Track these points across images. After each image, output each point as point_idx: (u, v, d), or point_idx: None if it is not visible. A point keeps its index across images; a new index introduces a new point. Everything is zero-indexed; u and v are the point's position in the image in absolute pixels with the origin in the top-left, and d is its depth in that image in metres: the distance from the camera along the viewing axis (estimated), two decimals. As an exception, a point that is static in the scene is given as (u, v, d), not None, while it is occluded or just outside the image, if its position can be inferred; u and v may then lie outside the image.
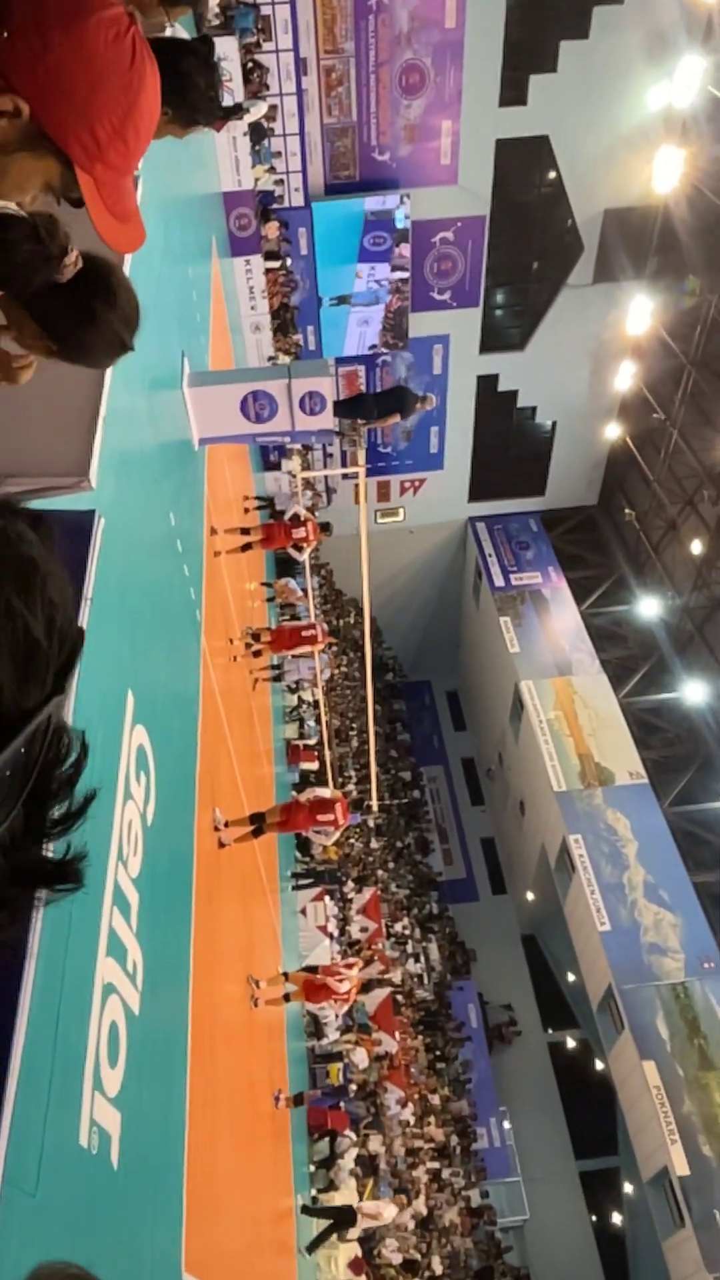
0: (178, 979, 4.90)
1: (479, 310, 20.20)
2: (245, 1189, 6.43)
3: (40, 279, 1.44)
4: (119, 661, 4.31)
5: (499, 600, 22.79)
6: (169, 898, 4.86)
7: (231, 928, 7.49)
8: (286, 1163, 9.60)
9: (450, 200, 18.50)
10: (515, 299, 20.68)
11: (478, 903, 25.74)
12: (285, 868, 14.87)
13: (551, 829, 19.76)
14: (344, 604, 24.96)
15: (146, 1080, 3.84)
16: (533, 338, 20.93)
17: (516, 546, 23.73)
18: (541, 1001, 23.47)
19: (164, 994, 4.43)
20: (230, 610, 10.28)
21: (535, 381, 21.52)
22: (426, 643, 29.01)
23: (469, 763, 29.35)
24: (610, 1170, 20.27)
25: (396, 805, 24.94)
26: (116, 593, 4.42)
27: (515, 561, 23.46)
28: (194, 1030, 4.97)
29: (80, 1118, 2.92)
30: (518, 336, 21.12)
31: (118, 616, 4.38)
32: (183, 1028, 4.83)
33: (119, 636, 4.36)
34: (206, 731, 6.93)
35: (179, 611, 6.42)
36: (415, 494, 23.30)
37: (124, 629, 4.49)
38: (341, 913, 17.76)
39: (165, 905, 4.73)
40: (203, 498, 8.68)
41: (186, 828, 5.75)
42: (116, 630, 4.32)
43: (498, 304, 20.70)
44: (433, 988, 20.93)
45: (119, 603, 4.45)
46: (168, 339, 7.19)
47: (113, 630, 4.23)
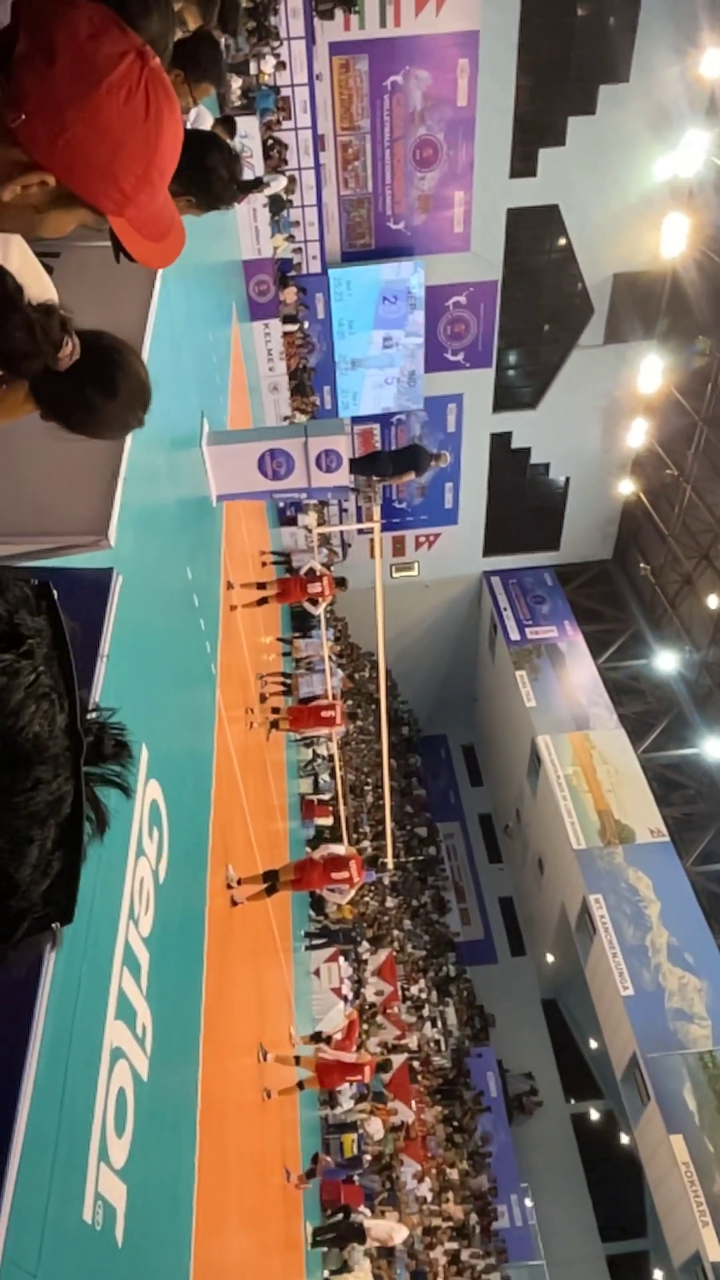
0: (188, 1043, 4.77)
1: (492, 370, 20.67)
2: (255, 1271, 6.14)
3: (34, 367, 1.43)
4: (134, 715, 4.29)
5: (515, 654, 22.74)
6: (180, 958, 4.77)
7: (243, 989, 7.31)
8: (298, 1241, 9.17)
9: (463, 266, 19.12)
10: (527, 359, 21.16)
11: (496, 964, 25.03)
12: (299, 927, 14.57)
13: (571, 888, 19.30)
14: (360, 658, 24.98)
15: (154, 1151, 3.71)
16: (545, 396, 21.34)
17: (531, 600, 23.78)
18: (563, 1070, 22.60)
19: (173, 1059, 4.31)
20: (245, 663, 10.31)
21: (548, 439, 21.86)
22: (442, 696, 28.89)
23: (486, 819, 28.89)
24: (639, 1254, 19.19)
25: (412, 862, 24.51)
26: (132, 646, 4.45)
27: (530, 615, 23.48)
28: (204, 1098, 4.82)
29: (85, 1190, 2.82)
30: (530, 395, 21.55)
31: (134, 670, 4.41)
32: (192, 1095, 4.68)
33: (134, 690, 4.38)
34: (220, 786, 6.88)
35: (195, 665, 6.45)
36: (430, 548, 23.52)
37: (140, 682, 4.51)
38: (356, 974, 17.31)
39: (176, 966, 4.64)
40: (220, 553, 8.79)
41: (199, 885, 5.67)
42: (132, 683, 4.34)
43: (510, 364, 21.18)
44: (450, 1054, 20.23)
45: (135, 656, 4.49)
46: (187, 399, 7.39)
47: (128, 683, 4.25)
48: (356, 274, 18.66)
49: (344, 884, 7.79)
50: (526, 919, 25.42)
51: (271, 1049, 8.12)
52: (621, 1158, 20.23)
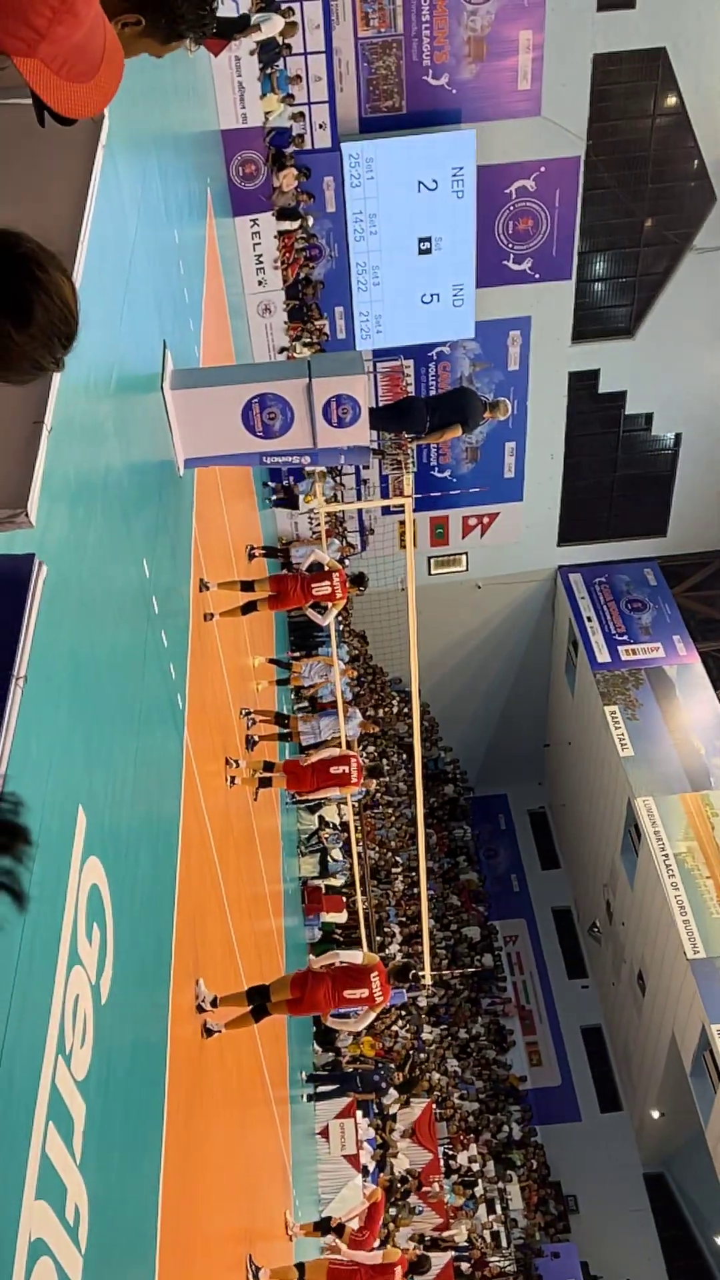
0: (140, 1236, 4.70)
1: (571, 284, 20.73)
2: None
3: None
4: (66, 766, 4.29)
5: (603, 682, 22.63)
6: (129, 1112, 4.71)
7: (220, 1157, 7.23)
8: None
9: (531, 137, 19.25)
10: (621, 268, 21.20)
11: (580, 1124, 24.78)
12: (299, 1069, 14.45)
13: (685, 1014, 19.08)
14: (384, 687, 24.98)
15: None
16: (645, 321, 21.34)
17: (627, 607, 23.68)
18: (676, 1274, 22.24)
19: (118, 1261, 4.25)
20: (225, 693, 10.31)
21: (650, 380, 21.86)
22: (500, 742, 28.78)
23: (564, 915, 28.68)
24: None
25: (460, 977, 24.34)
26: (66, 670, 4.43)
27: (626, 628, 23.38)
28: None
29: None
30: (625, 319, 21.57)
31: (66, 703, 4.39)
32: (145, 1310, 4.61)
33: (67, 733, 4.36)
34: (189, 867, 6.84)
35: (154, 696, 6.44)
36: (484, 534, 23.53)
37: (74, 721, 4.49)
38: (381, 1136, 17.16)
39: (124, 1124, 4.58)
40: (190, 540, 8.81)
41: (158, 1007, 5.62)
42: (64, 722, 4.32)
43: (596, 275, 21.24)
44: (515, 1253, 19.97)
45: (69, 684, 4.46)
46: (144, 324, 7.44)
47: (58, 722, 4.23)
48: (381, 149, 18.82)
49: (362, 1005, 7.75)
50: (621, 1058, 25.13)
51: (263, 1260, 8.02)
52: None
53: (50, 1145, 3.49)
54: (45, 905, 3.81)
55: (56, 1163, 3.52)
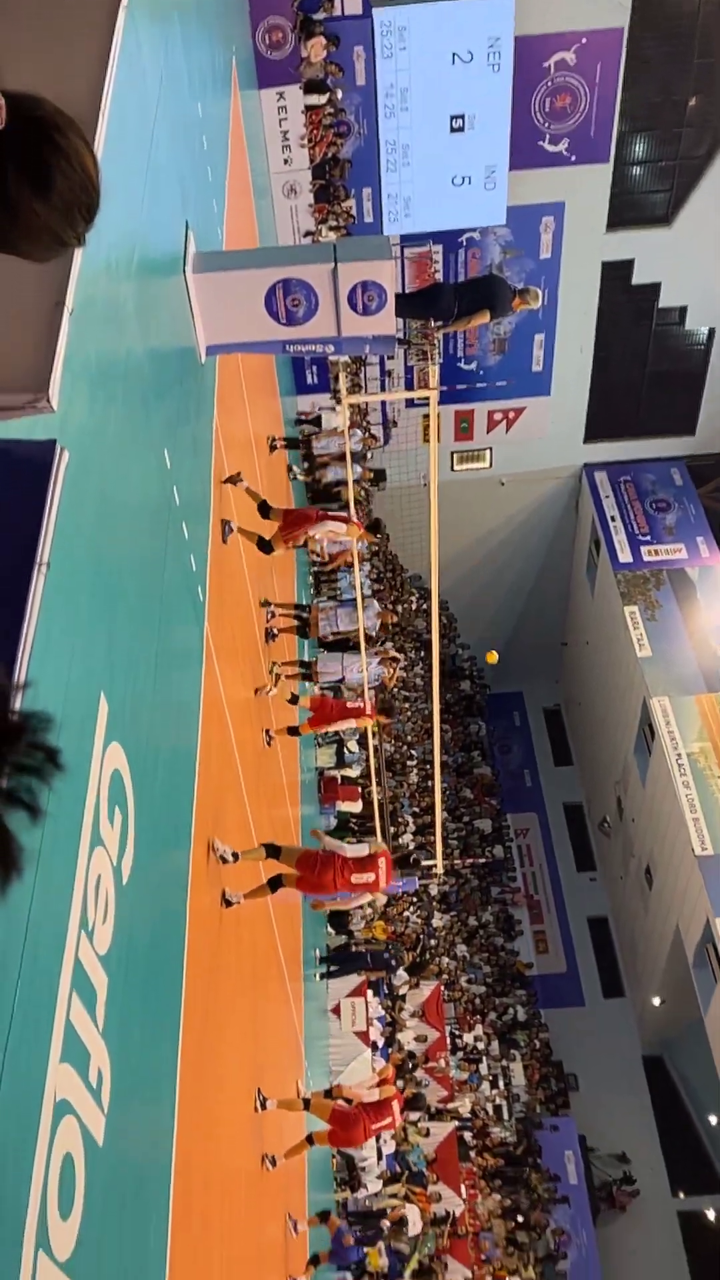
0: (159, 1098, 4.93)
1: (609, 167, 19.94)
2: None
3: None
4: (88, 655, 4.33)
5: (624, 582, 22.52)
6: (150, 984, 4.89)
7: (236, 1027, 7.53)
8: None
9: (573, 6, 18.29)
10: (661, 151, 20.33)
11: (583, 1008, 25.59)
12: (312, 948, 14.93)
13: (690, 907, 19.50)
14: (404, 583, 24.95)
15: (111, 1239, 3.86)
16: (684, 209, 20.56)
17: (652, 506, 23.40)
18: (670, 1152, 23.23)
19: (139, 1118, 4.46)
20: (246, 587, 10.33)
21: (686, 272, 21.17)
22: (519, 641, 28.82)
23: (575, 810, 29.14)
24: None
25: (471, 867, 24.90)
26: (88, 560, 4.44)
27: (649, 528, 23.14)
28: (179, 1171, 5.00)
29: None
30: (663, 206, 20.77)
31: (88, 593, 4.41)
32: (164, 1168, 4.86)
33: (89, 621, 4.39)
34: (208, 755, 6.96)
35: (174, 588, 6.46)
36: (509, 429, 23.14)
37: (97, 611, 4.52)
38: (390, 1015, 17.81)
39: (144, 994, 4.76)
40: (211, 431, 8.72)
41: (177, 888, 5.78)
42: (86, 612, 4.34)
43: (635, 158, 20.39)
44: (515, 1125, 20.87)
45: (91, 574, 4.48)
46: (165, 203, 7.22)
47: (81, 612, 4.25)
48: (414, 16, 17.89)
49: (366, 890, 7.94)
50: (626, 948, 25.82)
51: (274, 1149, 8.40)
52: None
53: (74, 1014, 3.63)
54: (68, 789, 3.89)
55: (80, 1030, 3.68)
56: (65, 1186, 3.37)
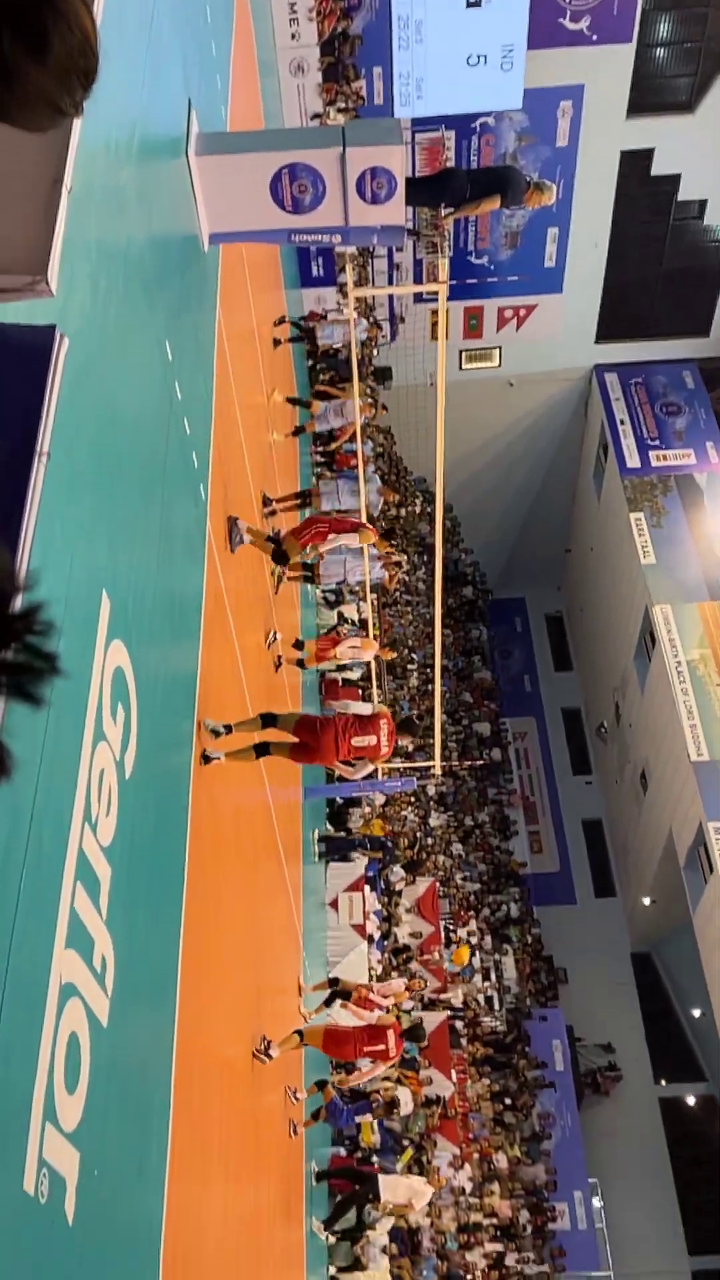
0: (161, 983, 5.08)
1: (631, 48, 19.07)
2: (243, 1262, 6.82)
3: None
4: (90, 550, 4.31)
5: (631, 488, 22.31)
6: (152, 876, 5.00)
7: (236, 918, 7.72)
8: (299, 1232, 10.16)
9: None
10: (686, 31, 19.41)
11: (574, 906, 26.23)
12: (311, 844, 15.22)
13: (684, 812, 19.82)
14: (408, 486, 24.72)
15: (115, 1113, 4.02)
16: (708, 94, 19.74)
17: (662, 410, 23.02)
18: (654, 1043, 24.08)
19: (142, 1002, 4.60)
20: (249, 485, 10.23)
21: (708, 163, 20.43)
22: (523, 546, 28.73)
23: (573, 716, 29.43)
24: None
25: (468, 769, 25.25)
26: (88, 452, 4.38)
27: (658, 433, 22.81)
28: (180, 1051, 5.18)
29: (26, 1155, 3.08)
30: (686, 91, 19.94)
31: (90, 488, 4.36)
32: (166, 1047, 5.03)
33: (91, 517, 4.35)
34: (210, 653, 6.99)
35: (176, 484, 6.40)
36: (519, 328, 22.63)
37: (98, 506, 4.48)
38: (386, 909, 18.26)
39: (147, 886, 4.86)
40: (214, 323, 8.52)
41: (180, 783, 5.86)
42: (88, 508, 4.31)
43: (658, 39, 19.49)
44: (506, 1015, 21.57)
45: (91, 466, 4.42)
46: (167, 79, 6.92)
47: (82, 505, 4.21)
48: None
49: (367, 754, 7.55)
50: (619, 850, 26.34)
51: (273, 1035, 8.64)
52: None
53: (78, 902, 3.72)
54: (70, 686, 3.91)
55: (84, 918, 3.77)
56: (71, 1064, 3.49)
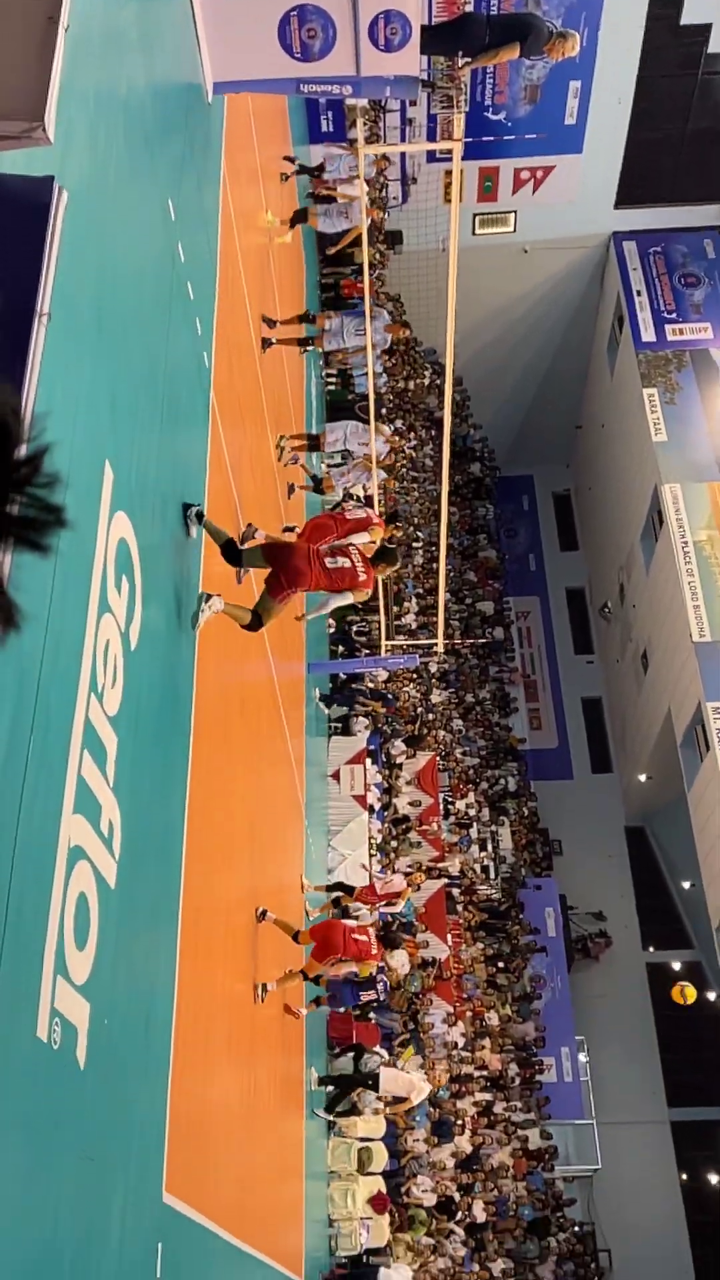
0: (167, 848, 5.22)
1: None
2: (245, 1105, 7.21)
3: None
4: (93, 419, 4.24)
5: (645, 363, 21.77)
6: (158, 745, 5.09)
7: (240, 788, 7.89)
8: (298, 1080, 10.70)
9: None
10: None
11: (571, 781, 26.75)
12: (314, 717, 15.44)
13: (683, 691, 20.02)
14: (417, 357, 24.15)
15: (124, 969, 4.19)
16: (744, -65, 18.50)
17: (680, 282, 22.29)
18: (644, 912, 24.89)
19: (149, 866, 4.74)
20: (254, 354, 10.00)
21: (742, 11, 19.28)
22: (532, 422, 28.22)
23: (577, 595, 29.43)
24: (713, 1124, 22.26)
25: (470, 647, 25.41)
26: (90, 315, 4.27)
27: (675, 305, 22.14)
28: (186, 912, 5.36)
29: (39, 1006, 3.23)
30: (720, -68, 18.69)
31: (91, 351, 4.26)
32: (172, 909, 5.21)
33: (92, 384, 4.26)
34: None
35: (180, 351, 6.25)
36: (536, 190, 21.72)
37: (100, 371, 4.38)
38: (387, 781, 18.64)
39: (153, 755, 4.95)
40: (218, 181, 8.19)
41: (183, 657, 5.91)
42: (89, 372, 4.22)
43: None
44: (501, 884, 22.24)
45: (94, 331, 4.32)
46: None
47: (83, 371, 4.13)
48: None
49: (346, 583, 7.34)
50: (618, 728, 26.72)
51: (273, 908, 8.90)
52: (704, 1017, 22.86)
53: (85, 769, 3.80)
54: (74, 556, 3.90)
55: (91, 784, 3.85)
56: (80, 922, 3.62)
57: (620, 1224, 20.93)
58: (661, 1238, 21.06)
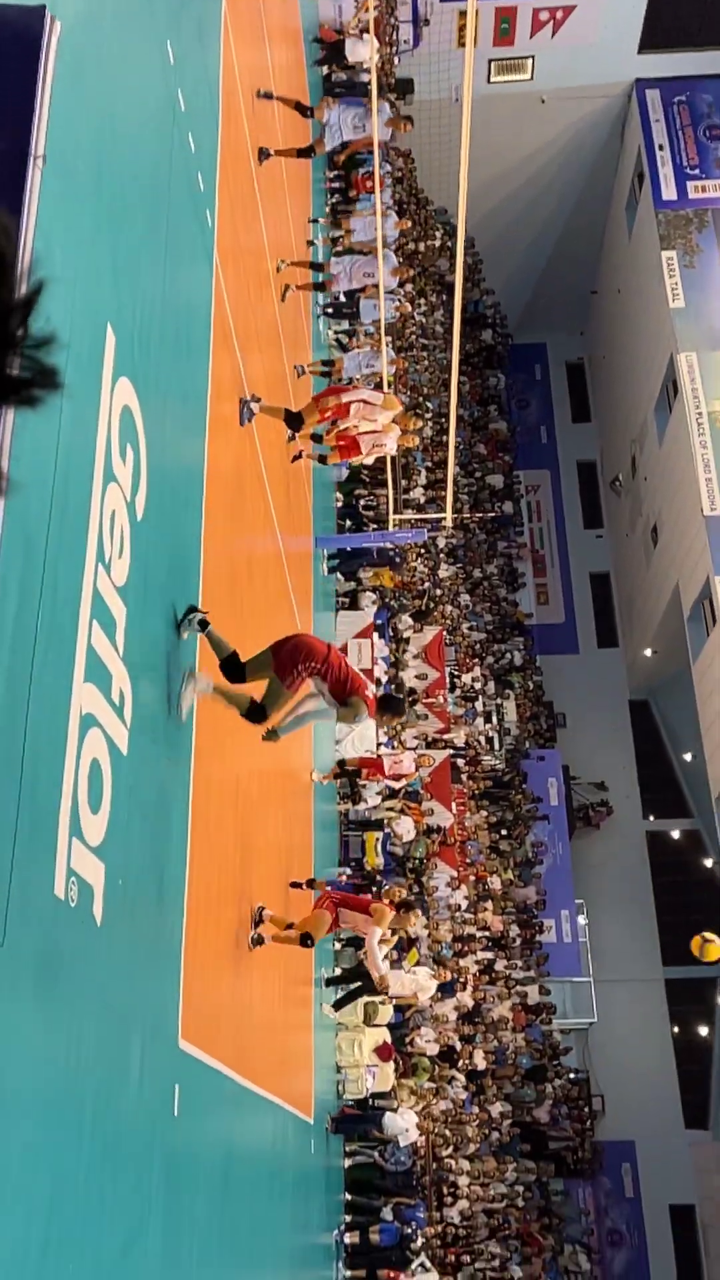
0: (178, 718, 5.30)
1: None
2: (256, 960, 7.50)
3: None
4: (93, 282, 4.12)
5: (665, 223, 20.96)
6: (167, 616, 5.11)
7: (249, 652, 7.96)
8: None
9: None
10: None
11: (576, 655, 26.96)
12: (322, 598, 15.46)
13: (692, 565, 19.97)
14: (428, 217, 23.28)
15: (137, 832, 4.30)
16: None
17: (705, 134, 21.25)
18: (645, 783, 25.41)
19: (160, 731, 4.83)
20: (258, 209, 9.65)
21: None
22: (546, 286, 27.35)
23: (589, 469, 29.08)
24: (704, 981, 23.16)
25: (479, 521, 25.23)
26: (88, 166, 4.10)
27: (699, 160, 21.18)
28: (197, 779, 5.48)
29: (55, 865, 3.33)
30: None
31: (90, 209, 4.11)
32: (184, 776, 5.32)
33: (92, 242, 4.12)
34: (219, 394, 6.83)
35: (181, 209, 6.02)
36: (555, 33, 20.53)
37: (99, 231, 4.23)
38: (394, 655, 18.78)
39: (162, 625, 4.98)
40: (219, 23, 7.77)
41: (191, 526, 5.88)
42: (89, 231, 4.07)
43: None
44: (505, 755, 22.65)
45: (92, 183, 4.15)
46: None
47: (83, 230, 3.99)
48: None
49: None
50: (625, 602, 26.75)
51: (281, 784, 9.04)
52: (701, 882, 23.58)
53: (95, 639, 3.82)
54: (78, 424, 3.84)
55: (102, 654, 3.89)
56: (94, 787, 3.70)
57: (614, 1073, 22.03)
58: (653, 1085, 22.18)
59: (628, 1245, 21.46)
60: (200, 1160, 5.44)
